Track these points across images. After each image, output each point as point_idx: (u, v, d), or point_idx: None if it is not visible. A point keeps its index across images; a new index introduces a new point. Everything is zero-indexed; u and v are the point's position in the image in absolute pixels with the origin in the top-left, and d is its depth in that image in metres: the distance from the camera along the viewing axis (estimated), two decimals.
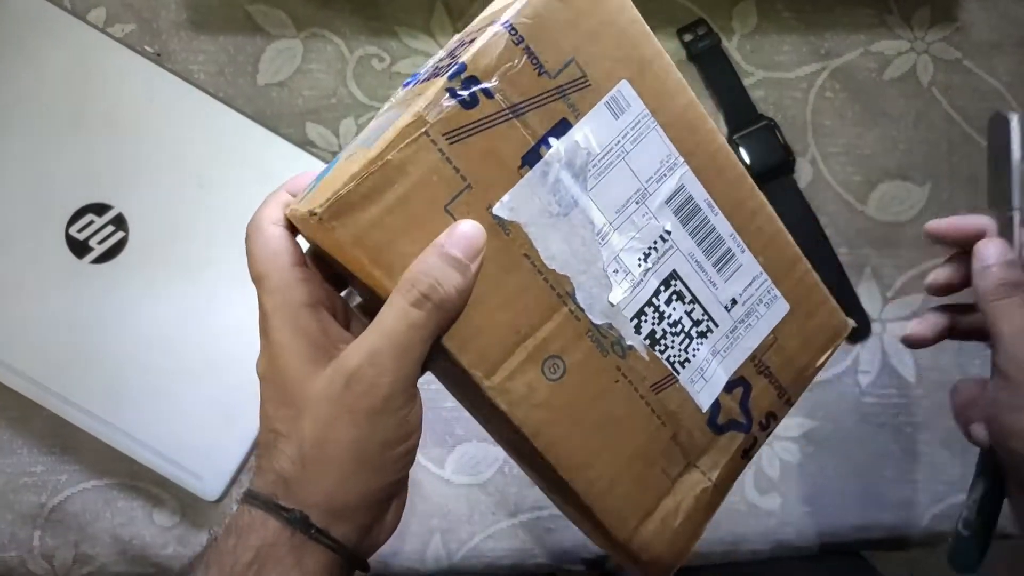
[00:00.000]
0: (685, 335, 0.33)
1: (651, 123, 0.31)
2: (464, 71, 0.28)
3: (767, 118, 0.55)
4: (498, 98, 0.28)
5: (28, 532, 0.52)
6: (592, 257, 0.31)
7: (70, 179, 0.50)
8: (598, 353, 0.31)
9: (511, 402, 0.30)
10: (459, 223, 0.28)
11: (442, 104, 0.27)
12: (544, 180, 0.30)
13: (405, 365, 0.28)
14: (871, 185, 0.56)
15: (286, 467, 0.28)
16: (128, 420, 0.49)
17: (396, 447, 0.29)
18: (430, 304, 0.27)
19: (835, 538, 0.54)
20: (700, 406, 0.34)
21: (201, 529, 0.52)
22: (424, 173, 0.27)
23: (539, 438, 0.30)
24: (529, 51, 0.29)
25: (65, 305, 0.49)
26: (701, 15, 0.56)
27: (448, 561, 0.52)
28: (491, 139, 0.28)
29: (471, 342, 0.29)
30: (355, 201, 0.27)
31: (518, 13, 0.28)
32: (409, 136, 0.27)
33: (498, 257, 0.29)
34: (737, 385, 0.35)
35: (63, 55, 0.51)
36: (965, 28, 0.57)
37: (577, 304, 0.31)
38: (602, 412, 0.32)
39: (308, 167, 0.51)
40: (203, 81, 0.54)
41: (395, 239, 0.28)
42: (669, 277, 0.33)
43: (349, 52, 0.55)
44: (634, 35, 0.31)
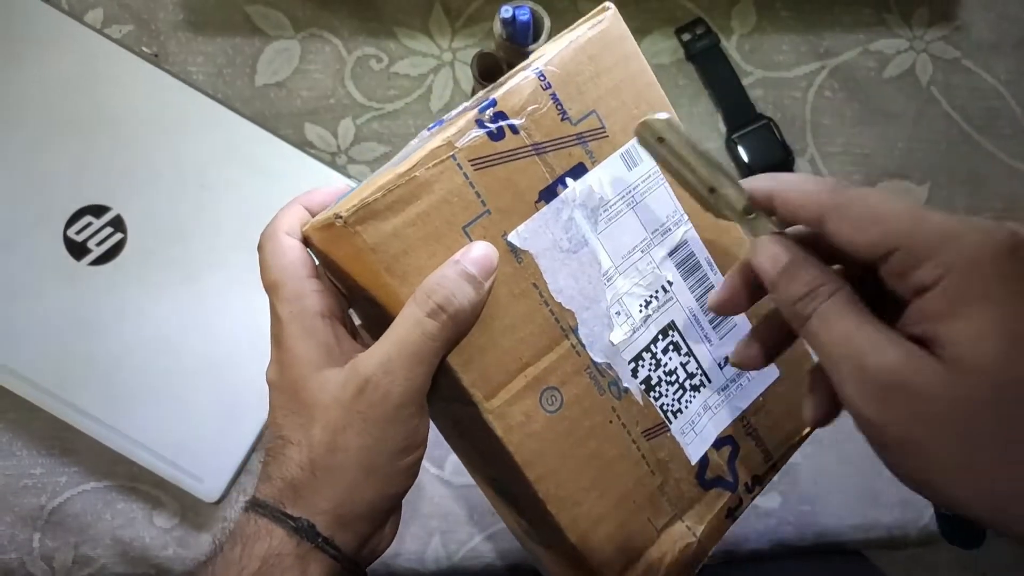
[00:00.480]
0: (679, 386, 0.34)
1: (660, 179, 0.33)
2: (494, 106, 0.30)
3: (766, 117, 0.55)
4: (523, 135, 0.30)
5: (28, 534, 0.52)
6: (597, 295, 0.32)
7: (68, 181, 0.50)
8: (595, 391, 0.32)
9: (507, 428, 0.30)
10: (476, 243, 0.29)
11: (471, 133, 0.29)
12: (558, 216, 0.31)
13: (418, 375, 0.28)
14: (870, 184, 0.56)
15: (295, 474, 0.29)
16: (127, 422, 0.49)
17: (404, 457, 0.29)
18: (445, 316, 0.28)
19: (835, 538, 0.54)
20: (689, 458, 0.34)
21: (201, 531, 0.52)
22: (447, 193, 0.29)
23: (530, 468, 0.31)
24: (555, 97, 0.31)
25: (63, 307, 0.49)
26: (700, 14, 0.56)
27: (448, 562, 0.52)
28: (512, 171, 0.30)
29: (475, 361, 0.30)
30: (380, 210, 0.28)
31: (549, 62, 0.31)
32: (438, 157, 0.29)
33: (508, 283, 0.30)
34: (725, 443, 0.35)
35: (60, 56, 0.50)
36: (964, 27, 0.57)
37: (579, 339, 0.32)
38: (593, 450, 0.32)
39: (306, 168, 0.51)
40: (201, 82, 0.54)
41: (412, 251, 0.29)
42: (668, 327, 0.34)
43: (347, 53, 0.55)
44: (650, 96, 0.33)
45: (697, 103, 0.56)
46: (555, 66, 0.31)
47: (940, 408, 0.22)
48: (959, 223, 0.23)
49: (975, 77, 0.57)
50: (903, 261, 0.23)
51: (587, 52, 0.32)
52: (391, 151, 0.55)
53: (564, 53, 0.31)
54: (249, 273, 0.50)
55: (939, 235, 0.23)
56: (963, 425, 0.22)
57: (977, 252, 0.22)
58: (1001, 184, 0.56)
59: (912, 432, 0.23)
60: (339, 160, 0.54)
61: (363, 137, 0.55)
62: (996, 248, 0.22)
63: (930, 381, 0.22)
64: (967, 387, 0.22)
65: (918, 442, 0.23)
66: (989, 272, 0.22)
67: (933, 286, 0.23)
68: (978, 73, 0.57)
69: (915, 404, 0.22)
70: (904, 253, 0.23)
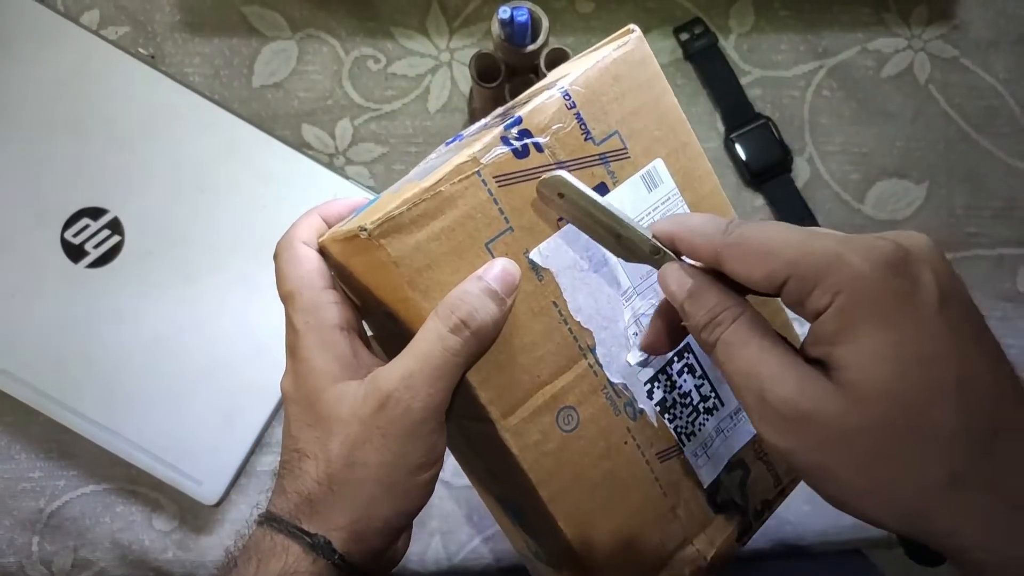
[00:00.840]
0: (693, 408, 0.34)
1: (679, 201, 0.33)
2: (519, 124, 0.30)
3: (764, 117, 0.55)
4: (547, 153, 0.30)
5: (27, 537, 0.51)
6: (615, 315, 0.32)
7: (65, 183, 0.50)
8: (611, 411, 0.32)
9: (523, 446, 0.30)
10: (499, 259, 0.29)
11: (496, 150, 0.29)
12: (579, 236, 0.31)
13: (439, 391, 0.28)
14: (868, 183, 0.56)
15: (312, 488, 0.28)
16: (126, 425, 0.49)
17: (422, 473, 0.29)
18: (468, 332, 0.28)
19: (835, 537, 0.54)
20: (701, 481, 0.34)
21: (200, 533, 0.52)
22: (471, 209, 0.29)
23: (544, 487, 0.31)
24: (579, 117, 0.31)
25: (61, 310, 0.49)
26: (698, 14, 0.56)
27: (448, 563, 0.52)
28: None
29: (493, 379, 0.30)
30: (404, 224, 0.28)
31: (574, 81, 0.31)
32: (463, 173, 0.29)
33: (528, 300, 0.30)
34: (737, 467, 0.35)
35: (56, 58, 0.50)
36: (963, 26, 0.57)
37: (596, 359, 0.32)
38: (608, 471, 0.32)
39: (304, 169, 0.51)
40: (198, 83, 0.54)
41: (435, 265, 0.29)
42: (683, 349, 0.34)
43: (345, 53, 0.55)
44: (672, 119, 0.33)
45: (695, 103, 0.56)
46: (580, 86, 0.31)
47: (838, 435, 0.22)
48: (845, 244, 0.23)
49: (973, 76, 0.57)
50: (797, 289, 0.23)
51: (612, 73, 0.32)
52: (389, 152, 0.55)
53: (590, 73, 0.31)
54: (247, 275, 0.50)
55: (826, 260, 0.23)
56: (860, 449, 0.22)
57: (860, 273, 0.22)
58: (1000, 182, 0.56)
59: (817, 459, 0.23)
60: (337, 161, 0.54)
61: (361, 138, 0.54)
62: (877, 267, 0.22)
63: (826, 409, 0.23)
64: (860, 412, 0.22)
65: (825, 467, 0.23)
66: (873, 293, 0.22)
67: (825, 310, 0.23)
68: (976, 72, 0.57)
69: (815, 432, 0.23)
70: (796, 281, 0.23)
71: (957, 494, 0.22)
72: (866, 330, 0.22)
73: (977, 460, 0.22)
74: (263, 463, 0.52)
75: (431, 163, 0.32)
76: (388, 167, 0.54)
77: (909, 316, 0.22)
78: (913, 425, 0.22)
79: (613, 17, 0.56)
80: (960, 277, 0.24)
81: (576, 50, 0.56)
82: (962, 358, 0.23)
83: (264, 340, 0.50)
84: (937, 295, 0.23)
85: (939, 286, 0.23)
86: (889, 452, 0.22)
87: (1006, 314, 0.55)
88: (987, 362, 0.23)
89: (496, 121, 0.31)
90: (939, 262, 0.24)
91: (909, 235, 0.24)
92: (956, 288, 0.24)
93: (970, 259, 0.56)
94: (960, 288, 0.24)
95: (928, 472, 0.22)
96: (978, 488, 0.22)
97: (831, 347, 0.23)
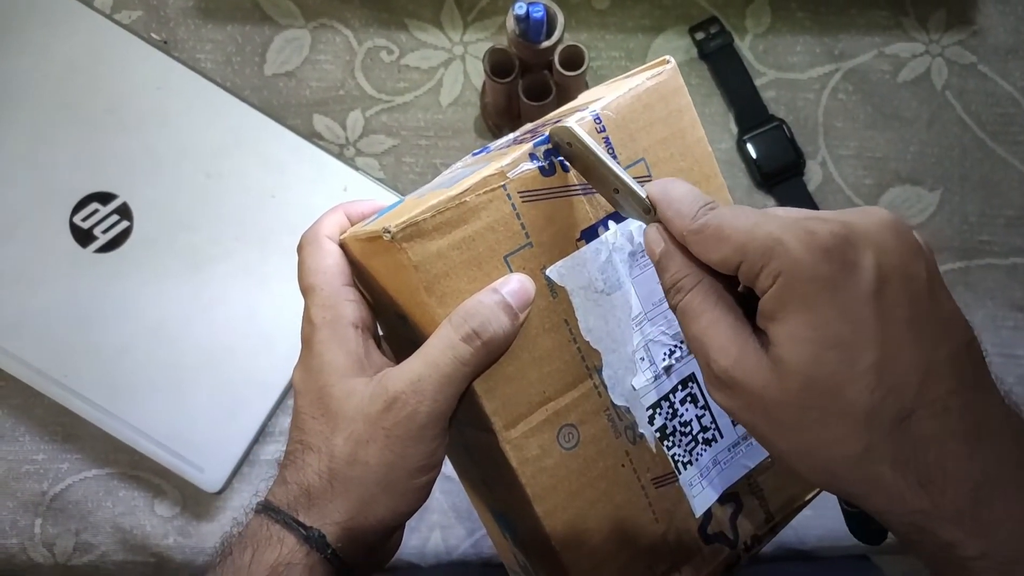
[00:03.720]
0: (692, 438, 0.34)
1: None
2: (548, 142, 0.30)
3: (778, 119, 0.55)
4: (572, 173, 0.31)
5: (29, 520, 0.52)
6: (624, 339, 0.32)
7: (74, 167, 0.50)
8: (611, 433, 0.32)
9: (523, 460, 0.30)
10: (516, 275, 0.30)
11: (523, 165, 0.30)
12: (596, 257, 0.31)
13: (446, 398, 0.28)
14: (881, 189, 0.55)
15: (312, 481, 0.29)
16: (130, 410, 0.49)
17: (421, 476, 0.29)
18: (479, 342, 0.28)
19: (836, 542, 0.54)
20: (694, 510, 0.34)
21: (202, 520, 0.52)
22: (494, 221, 0.29)
23: (540, 502, 0.31)
24: (608, 141, 0.31)
25: (68, 294, 0.49)
26: (714, 13, 0.56)
27: (448, 557, 0.52)
28: (559, 208, 0.31)
29: (499, 389, 0.30)
30: (428, 230, 0.28)
31: (606, 106, 0.31)
32: (489, 185, 0.29)
33: (541, 316, 0.31)
34: (730, 500, 0.35)
35: (69, 42, 0.50)
36: (982, 32, 0.56)
37: (602, 380, 0.32)
38: (603, 492, 0.32)
39: (314, 159, 0.51)
40: (210, 70, 0.54)
41: (453, 273, 0.29)
42: (688, 379, 0.34)
43: (358, 44, 0.55)
44: (698, 152, 0.34)
45: (709, 103, 0.55)
46: (612, 111, 0.32)
47: (762, 404, 0.25)
48: (789, 229, 0.25)
49: (990, 83, 0.56)
50: (747, 271, 0.25)
51: (643, 101, 0.32)
52: (399, 144, 0.54)
53: (622, 99, 0.32)
54: (255, 264, 0.50)
55: (768, 245, 0.24)
56: (781, 419, 0.25)
57: (795, 258, 0.24)
58: (1014, 190, 0.56)
59: (750, 420, 0.26)
60: (347, 152, 0.54)
61: (372, 129, 0.54)
62: (812, 252, 0.24)
63: (754, 381, 0.25)
64: (780, 387, 0.25)
65: (757, 429, 0.26)
66: (803, 277, 0.24)
67: (768, 290, 0.25)
68: (994, 79, 0.56)
69: (746, 399, 0.25)
70: (746, 264, 0.25)
71: (869, 466, 0.24)
72: (793, 312, 0.24)
73: (888, 437, 0.24)
74: (266, 452, 0.52)
75: (458, 172, 0.33)
76: (398, 159, 0.54)
77: (833, 301, 0.24)
78: (825, 403, 0.24)
79: (629, 14, 0.56)
80: (919, 254, 0.25)
81: (591, 47, 0.55)
82: (884, 342, 0.24)
83: (270, 329, 0.50)
84: (873, 280, 0.24)
85: (878, 271, 0.24)
86: (804, 424, 0.25)
87: (1018, 324, 0.55)
88: (917, 345, 0.24)
89: (527, 137, 0.32)
90: (890, 242, 0.25)
91: (866, 212, 0.26)
92: (904, 271, 0.25)
93: (983, 268, 0.55)
94: (910, 270, 0.25)
95: (842, 445, 0.24)
96: (888, 463, 0.24)
97: (769, 323, 0.25)
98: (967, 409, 0.24)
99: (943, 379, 0.24)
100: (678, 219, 0.27)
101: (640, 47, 0.56)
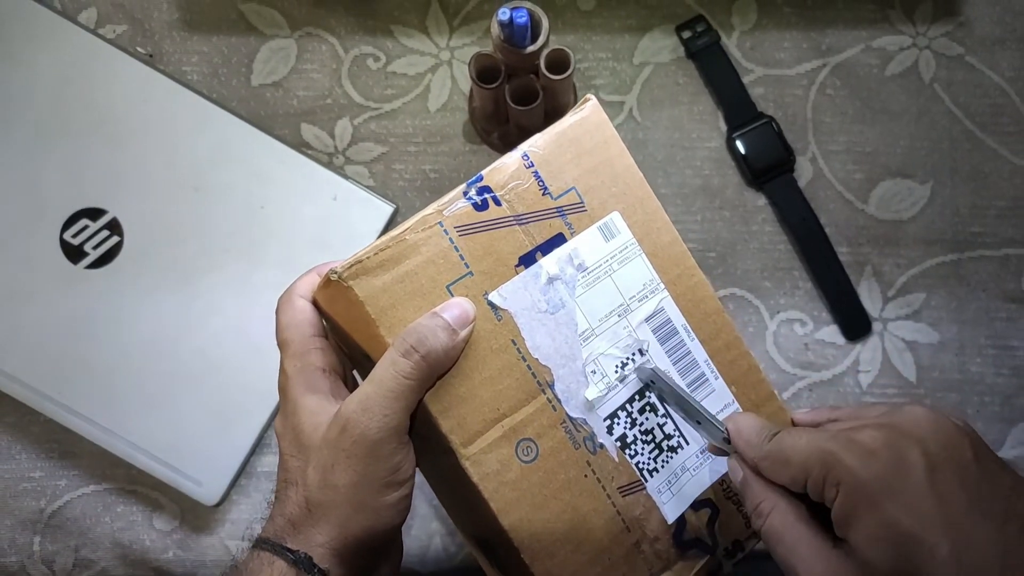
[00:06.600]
0: (655, 446, 0.35)
1: (637, 250, 0.36)
2: (480, 181, 0.34)
3: (767, 116, 0.55)
4: (505, 207, 0.34)
5: (28, 537, 0.52)
6: (573, 354, 0.34)
7: (63, 184, 0.50)
8: (570, 444, 0.34)
9: (483, 475, 0.32)
10: (454, 298, 0.32)
11: (458, 203, 0.33)
12: (536, 280, 0.34)
13: (395, 411, 0.30)
14: (872, 183, 0.55)
15: (293, 511, 0.31)
16: (126, 425, 0.49)
17: (389, 493, 0.31)
18: (417, 355, 0.30)
19: None
20: (666, 517, 0.35)
21: (201, 533, 0.52)
22: (433, 255, 0.32)
23: (504, 515, 0.32)
24: (537, 175, 0.34)
25: (61, 310, 0.49)
26: (700, 11, 0.55)
27: (448, 563, 0.52)
28: (495, 238, 0.33)
29: (453, 409, 0.32)
30: (372, 267, 0.31)
31: (532, 144, 0.35)
32: (427, 224, 0.32)
33: (488, 338, 0.33)
34: (704, 506, 0.36)
35: (54, 57, 0.50)
36: (968, 23, 0.56)
37: (555, 394, 0.34)
38: (568, 503, 0.33)
39: (303, 169, 0.51)
40: (196, 82, 0.54)
41: (399, 305, 0.32)
42: (644, 388, 0.36)
43: (344, 52, 0.54)
44: (628, 178, 0.36)
45: (698, 101, 0.55)
46: (539, 148, 0.35)
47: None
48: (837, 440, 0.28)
49: (978, 74, 0.56)
50: (814, 486, 0.28)
51: (568, 136, 0.35)
52: (388, 151, 0.54)
53: (547, 137, 0.35)
54: (247, 275, 0.50)
55: (825, 457, 0.27)
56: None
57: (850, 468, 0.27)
58: (1004, 182, 0.56)
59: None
60: (336, 161, 0.54)
61: (360, 137, 0.54)
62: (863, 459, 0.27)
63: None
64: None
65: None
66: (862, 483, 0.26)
67: (835, 500, 0.27)
68: (982, 70, 0.56)
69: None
70: (812, 480, 0.28)
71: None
72: (863, 515, 0.26)
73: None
74: (263, 464, 0.52)
75: None
76: (388, 166, 0.54)
77: (893, 498, 0.26)
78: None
79: (615, 15, 0.55)
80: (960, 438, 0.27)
81: (577, 48, 0.55)
82: (954, 526, 0.25)
83: (263, 341, 0.49)
84: (923, 471, 0.26)
85: (926, 460, 0.26)
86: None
87: (1011, 315, 0.55)
88: (985, 524, 0.26)
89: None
90: (930, 433, 0.27)
91: (903, 411, 0.29)
92: (949, 455, 0.27)
93: (975, 259, 0.55)
94: (955, 453, 0.27)
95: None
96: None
97: (846, 531, 0.27)
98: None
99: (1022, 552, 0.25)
100: (748, 449, 0.31)
101: (627, 48, 0.55)
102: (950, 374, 0.54)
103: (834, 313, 0.54)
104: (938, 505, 0.26)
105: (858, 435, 0.28)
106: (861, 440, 0.27)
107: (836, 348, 0.54)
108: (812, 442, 0.28)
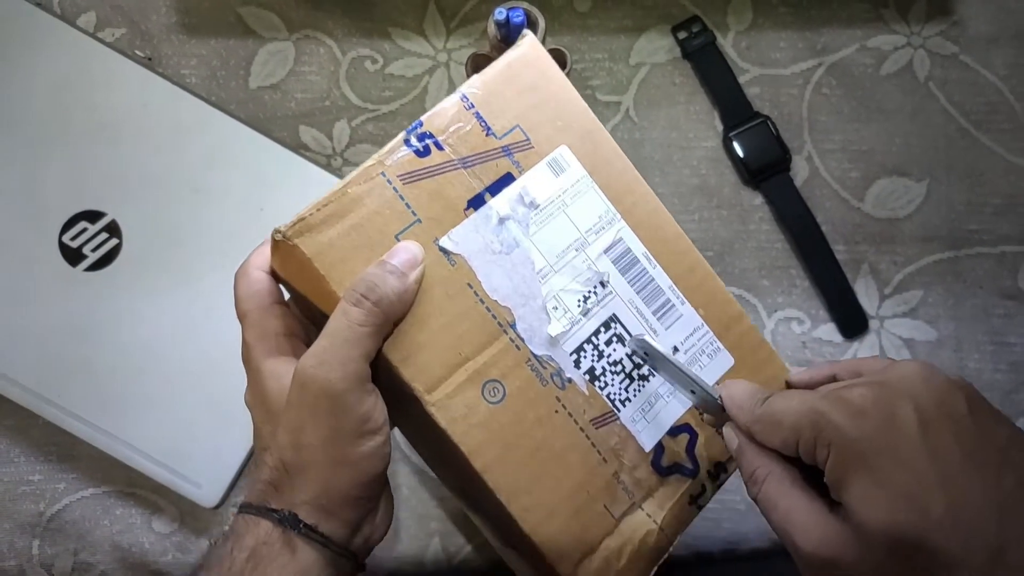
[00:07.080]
0: (626, 375, 0.35)
1: (589, 183, 0.36)
2: (420, 127, 0.33)
3: (763, 115, 0.55)
4: (448, 151, 0.33)
5: (27, 541, 0.52)
6: (532, 293, 0.34)
7: (62, 186, 0.50)
8: (537, 382, 0.33)
9: (451, 420, 0.32)
10: (400, 242, 0.32)
11: (399, 152, 0.33)
12: (487, 222, 0.33)
13: (351, 360, 0.29)
14: (868, 181, 0.56)
15: (272, 475, 0.31)
16: (125, 428, 0.49)
17: (365, 442, 0.30)
18: (368, 303, 0.30)
19: None
20: (642, 445, 0.35)
21: (200, 536, 0.52)
22: (378, 206, 0.32)
23: (476, 458, 0.32)
24: (479, 116, 0.34)
25: (60, 313, 0.49)
26: (696, 12, 0.56)
27: (447, 564, 0.52)
28: (441, 184, 0.33)
29: (414, 356, 0.31)
30: (315, 224, 0.31)
31: (470, 85, 0.34)
32: (368, 175, 0.32)
33: (443, 284, 0.32)
34: (682, 430, 0.36)
35: (53, 61, 0.50)
36: (962, 22, 0.57)
37: (517, 334, 0.33)
38: (541, 440, 0.33)
39: (301, 171, 0.51)
40: (195, 85, 0.54)
41: (348, 259, 0.31)
42: (609, 320, 0.35)
43: (342, 54, 0.55)
44: (572, 110, 0.36)
45: (694, 101, 0.56)
46: (477, 88, 0.34)
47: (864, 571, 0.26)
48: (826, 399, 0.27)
49: (973, 72, 0.56)
50: (805, 448, 0.27)
51: (507, 74, 0.35)
52: None
53: (486, 76, 0.34)
54: None
55: (815, 417, 0.27)
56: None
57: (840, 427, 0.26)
58: (1000, 179, 0.56)
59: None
60: (334, 163, 0.54)
61: (358, 139, 0.54)
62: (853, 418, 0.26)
63: (845, 554, 0.26)
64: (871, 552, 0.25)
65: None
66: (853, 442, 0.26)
67: (826, 462, 0.27)
68: (976, 68, 0.56)
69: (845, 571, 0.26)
70: (803, 442, 0.27)
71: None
72: (856, 475, 0.26)
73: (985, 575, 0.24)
74: None
75: None
76: None
77: (886, 455, 0.25)
78: (913, 556, 0.24)
79: (610, 15, 0.56)
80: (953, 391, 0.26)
81: (573, 49, 0.56)
82: (948, 482, 0.25)
83: None
84: (915, 426, 0.25)
85: (917, 415, 0.25)
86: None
87: (1008, 312, 0.55)
88: (981, 478, 0.25)
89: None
90: (920, 387, 0.26)
91: (898, 368, 0.28)
92: (942, 410, 0.26)
93: (972, 257, 0.55)
94: (948, 408, 0.26)
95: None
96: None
97: (840, 492, 0.26)
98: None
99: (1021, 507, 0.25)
100: (741, 414, 0.30)
101: (622, 48, 0.56)
102: (948, 371, 0.54)
103: (831, 311, 0.55)
104: (931, 461, 0.25)
105: (848, 394, 0.27)
106: (851, 399, 0.27)
107: (834, 346, 0.55)
108: (803, 403, 0.28)
